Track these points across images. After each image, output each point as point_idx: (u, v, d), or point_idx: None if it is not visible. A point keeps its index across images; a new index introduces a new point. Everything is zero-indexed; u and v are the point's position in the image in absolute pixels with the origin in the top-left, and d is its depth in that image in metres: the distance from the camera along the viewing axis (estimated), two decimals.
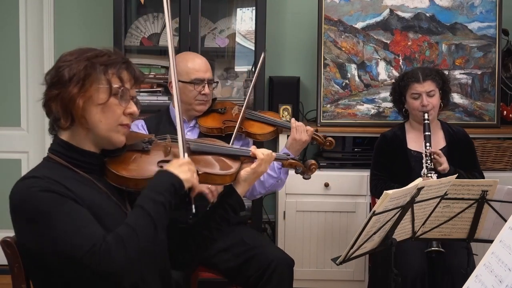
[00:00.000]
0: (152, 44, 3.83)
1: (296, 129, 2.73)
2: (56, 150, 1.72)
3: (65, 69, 1.66)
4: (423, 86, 3.10)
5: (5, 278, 2.24)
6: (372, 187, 3.27)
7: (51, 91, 1.67)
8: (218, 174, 1.87)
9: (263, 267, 2.64)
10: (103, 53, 1.71)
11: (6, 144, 4.10)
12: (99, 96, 1.67)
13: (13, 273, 1.83)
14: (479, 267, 1.59)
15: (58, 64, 1.70)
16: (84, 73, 1.65)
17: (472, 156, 3.23)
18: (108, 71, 1.68)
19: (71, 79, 1.64)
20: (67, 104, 1.65)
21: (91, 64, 1.66)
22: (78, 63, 1.66)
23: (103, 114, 1.68)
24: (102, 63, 1.68)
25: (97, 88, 1.66)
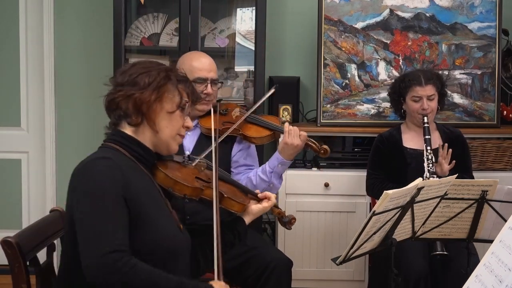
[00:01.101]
0: (152, 44, 3.83)
1: (288, 133, 2.68)
2: (120, 141, 1.84)
3: (142, 75, 1.83)
4: (425, 90, 3.10)
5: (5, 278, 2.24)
6: (368, 186, 3.27)
7: (124, 91, 1.82)
8: (237, 202, 2.12)
9: (261, 268, 2.63)
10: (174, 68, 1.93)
11: (6, 144, 4.10)
12: (169, 105, 1.86)
13: (13, 273, 1.83)
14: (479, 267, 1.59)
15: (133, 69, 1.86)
16: (162, 82, 1.84)
17: (466, 159, 3.22)
18: (179, 85, 1.87)
19: (150, 84, 1.82)
20: (142, 105, 1.81)
21: (168, 75, 1.86)
22: (157, 72, 1.85)
23: (170, 121, 1.86)
24: (177, 77, 1.88)
25: (170, 98, 1.85)
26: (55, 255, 2.15)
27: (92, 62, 4.00)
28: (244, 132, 2.77)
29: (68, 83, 4.04)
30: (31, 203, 4.10)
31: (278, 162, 2.69)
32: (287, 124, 2.73)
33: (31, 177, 4.11)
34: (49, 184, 4.06)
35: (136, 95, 1.81)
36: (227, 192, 2.11)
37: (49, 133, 4.06)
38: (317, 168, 3.72)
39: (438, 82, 3.16)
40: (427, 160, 2.98)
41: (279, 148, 2.72)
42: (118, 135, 1.85)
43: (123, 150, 1.82)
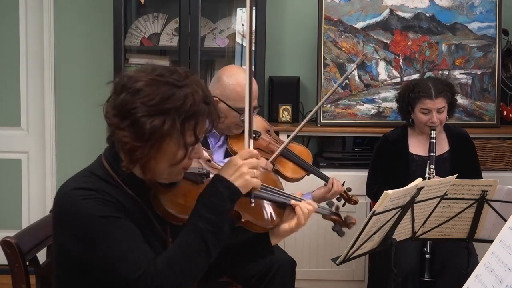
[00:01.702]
0: (152, 44, 3.83)
1: (331, 192, 2.66)
2: (112, 164, 1.61)
3: (144, 118, 1.51)
4: (435, 103, 3.00)
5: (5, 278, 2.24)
6: (369, 191, 3.24)
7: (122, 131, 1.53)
8: (259, 226, 1.75)
9: (265, 268, 2.63)
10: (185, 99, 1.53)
11: (6, 144, 4.10)
12: (172, 155, 1.55)
13: (13, 273, 1.83)
14: (479, 267, 1.59)
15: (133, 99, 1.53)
16: (165, 134, 1.51)
17: (474, 159, 3.21)
18: (185, 127, 1.53)
19: (150, 137, 1.51)
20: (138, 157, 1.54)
21: (172, 120, 1.51)
22: (160, 117, 1.51)
23: (170, 167, 1.57)
24: (183, 118, 1.52)
25: (172, 148, 1.54)
26: None
27: (92, 62, 4.00)
28: (279, 169, 2.61)
29: (68, 83, 4.03)
30: (31, 203, 4.10)
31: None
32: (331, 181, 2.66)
33: (31, 177, 4.11)
34: (49, 184, 4.06)
35: (129, 145, 1.52)
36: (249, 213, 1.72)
37: (49, 133, 4.06)
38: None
39: (449, 93, 3.06)
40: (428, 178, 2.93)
41: (316, 194, 2.67)
42: (112, 158, 1.61)
43: (112, 173, 1.60)
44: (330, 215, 2.11)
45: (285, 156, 2.63)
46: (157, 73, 1.56)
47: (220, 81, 2.58)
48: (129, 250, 1.51)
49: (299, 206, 1.80)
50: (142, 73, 1.58)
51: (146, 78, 1.55)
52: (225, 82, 2.56)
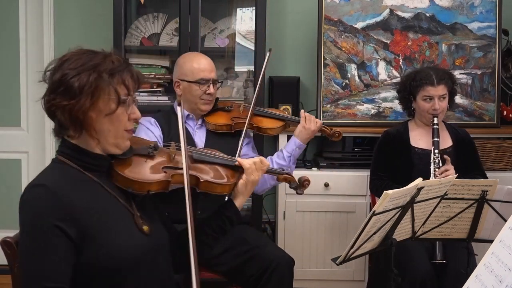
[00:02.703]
0: (152, 44, 3.83)
1: (305, 118, 2.86)
2: (65, 152, 1.73)
3: (73, 78, 1.66)
4: (437, 90, 3.03)
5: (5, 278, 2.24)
6: (372, 186, 3.25)
7: (57, 100, 1.67)
8: (218, 183, 1.96)
9: (263, 266, 2.64)
10: (105, 59, 1.70)
11: (6, 144, 4.10)
12: (107, 107, 1.68)
13: (13, 273, 1.83)
14: (479, 267, 1.59)
15: (62, 70, 1.69)
16: (94, 84, 1.66)
17: (476, 158, 3.22)
18: (114, 80, 1.69)
19: (81, 91, 1.65)
20: (77, 116, 1.66)
21: (98, 74, 1.67)
22: (86, 73, 1.66)
23: (111, 123, 1.70)
24: (108, 71, 1.68)
25: (106, 99, 1.68)
26: None
27: None
28: (258, 125, 2.90)
29: None
30: None
31: (296, 145, 2.85)
32: (303, 111, 2.91)
33: (31, 177, 4.06)
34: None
35: (68, 105, 1.65)
36: (205, 174, 1.96)
37: (49, 133, 4.05)
38: (317, 168, 3.72)
39: (450, 81, 3.10)
40: (433, 164, 2.95)
41: (296, 132, 2.88)
42: (64, 145, 1.73)
43: (70, 162, 1.71)
44: (283, 175, 2.29)
45: (258, 114, 2.93)
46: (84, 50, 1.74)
47: (177, 65, 2.92)
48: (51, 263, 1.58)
49: (244, 161, 2.04)
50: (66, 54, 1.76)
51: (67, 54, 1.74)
52: (179, 62, 2.90)
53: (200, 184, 1.93)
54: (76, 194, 1.65)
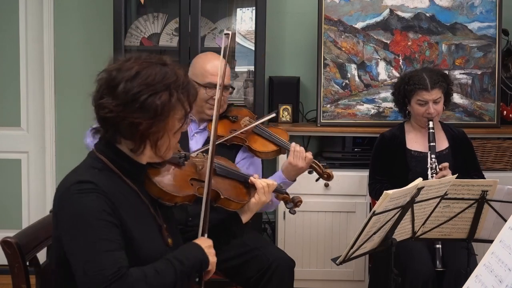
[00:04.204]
0: (152, 44, 3.83)
1: (294, 154, 2.62)
2: (108, 154, 1.72)
3: (151, 97, 1.65)
4: (431, 94, 3.01)
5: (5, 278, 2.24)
6: (371, 190, 3.24)
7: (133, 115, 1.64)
8: (235, 202, 2.05)
9: (263, 267, 2.63)
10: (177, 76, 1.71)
11: (6, 144, 4.10)
12: (176, 125, 1.72)
13: (13, 273, 1.83)
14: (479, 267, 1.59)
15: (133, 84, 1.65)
16: (171, 105, 1.67)
17: (473, 158, 3.22)
18: (184, 97, 1.71)
19: (161, 111, 1.65)
20: (148, 134, 1.67)
21: (176, 93, 1.68)
22: (164, 93, 1.66)
23: (173, 139, 1.74)
24: (180, 90, 1.70)
25: (176, 118, 1.71)
26: None
27: (92, 62, 4.00)
28: (250, 145, 2.70)
29: (68, 83, 4.03)
30: (31, 203, 4.10)
31: (280, 181, 2.63)
32: (293, 144, 2.66)
33: (31, 177, 4.11)
34: (49, 184, 4.06)
35: (143, 125, 1.65)
36: (226, 191, 2.03)
37: (49, 133, 4.06)
38: None
39: (444, 83, 3.07)
40: (430, 170, 2.94)
41: (282, 166, 2.69)
42: (112, 152, 1.72)
43: (111, 165, 1.71)
44: (283, 194, 2.36)
45: (256, 133, 2.74)
46: (143, 58, 1.73)
47: (192, 63, 2.80)
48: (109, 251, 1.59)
49: (257, 181, 2.10)
50: (127, 62, 1.71)
51: (137, 64, 1.69)
52: (193, 62, 2.80)
53: (219, 200, 2.00)
54: (116, 198, 1.67)
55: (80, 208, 1.61)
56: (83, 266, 1.59)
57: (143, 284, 1.60)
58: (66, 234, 1.64)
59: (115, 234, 1.62)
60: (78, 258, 1.60)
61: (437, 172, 2.92)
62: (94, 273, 1.57)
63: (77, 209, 1.62)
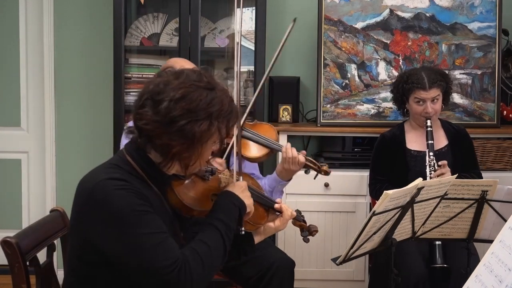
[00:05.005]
0: (152, 44, 3.83)
1: (286, 160, 2.60)
2: (137, 159, 1.71)
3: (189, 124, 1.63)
4: (429, 93, 3.02)
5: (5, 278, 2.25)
6: (371, 190, 3.24)
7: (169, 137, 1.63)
8: (251, 224, 1.97)
9: (264, 268, 2.63)
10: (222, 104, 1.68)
11: (6, 144, 4.10)
12: (209, 151, 1.72)
13: (13, 273, 1.83)
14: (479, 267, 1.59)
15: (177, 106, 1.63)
16: (209, 135, 1.66)
17: (472, 155, 3.22)
18: (223, 125, 1.70)
19: (197, 140, 1.65)
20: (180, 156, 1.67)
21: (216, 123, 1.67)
22: (205, 122, 1.64)
23: (203, 162, 1.75)
24: (222, 119, 1.68)
25: (211, 144, 1.71)
26: (55, 255, 2.16)
27: (92, 62, 4.00)
28: (244, 154, 2.62)
29: (68, 83, 4.04)
30: (31, 203, 4.10)
31: (277, 183, 2.69)
32: (285, 148, 2.61)
33: (31, 177, 4.11)
34: (49, 184, 4.06)
35: (177, 148, 1.64)
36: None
37: (49, 133, 4.06)
38: None
39: (443, 82, 3.08)
40: (429, 167, 2.95)
41: (277, 170, 2.69)
42: (141, 157, 1.71)
43: (138, 169, 1.70)
44: (301, 222, 2.28)
45: (246, 137, 2.64)
46: (193, 79, 1.68)
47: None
48: (161, 242, 1.60)
49: (284, 208, 2.04)
50: (177, 79, 1.67)
51: (185, 85, 1.66)
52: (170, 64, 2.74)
53: None
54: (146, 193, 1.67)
55: (121, 204, 1.59)
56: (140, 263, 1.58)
57: (200, 262, 1.63)
58: (105, 232, 1.61)
59: (160, 223, 1.63)
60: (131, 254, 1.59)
61: (435, 169, 2.92)
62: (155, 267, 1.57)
63: (118, 205, 1.59)
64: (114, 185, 1.61)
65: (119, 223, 1.59)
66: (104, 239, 1.62)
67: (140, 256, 1.58)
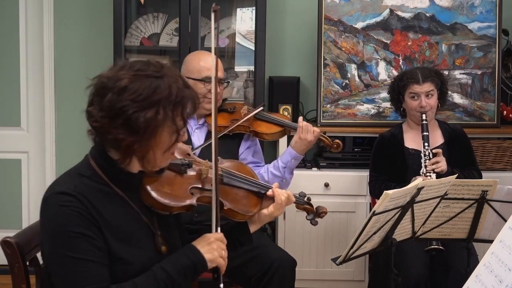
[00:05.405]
0: (152, 44, 3.83)
1: (302, 128, 2.74)
2: (99, 162, 1.68)
3: (136, 114, 1.57)
4: (422, 87, 3.09)
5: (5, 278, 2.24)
6: (372, 189, 3.26)
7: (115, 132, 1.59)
8: (240, 213, 1.92)
9: (265, 267, 2.63)
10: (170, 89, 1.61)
11: (6, 144, 4.10)
12: (165, 142, 1.63)
13: (13, 273, 1.83)
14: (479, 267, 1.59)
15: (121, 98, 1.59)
16: (158, 123, 1.59)
17: (470, 153, 3.24)
18: (176, 113, 1.62)
19: (145, 130, 1.58)
20: (133, 150, 1.61)
21: (163, 110, 1.59)
22: (151, 110, 1.58)
23: (163, 154, 1.66)
24: (172, 106, 1.61)
25: (165, 135, 1.62)
26: None
27: (92, 62, 4.00)
28: (255, 129, 2.82)
29: (68, 83, 4.03)
30: (31, 203, 4.10)
31: (291, 157, 2.77)
32: (301, 119, 2.79)
33: (31, 177, 4.11)
34: (49, 184, 4.06)
35: (126, 141, 1.59)
36: (232, 201, 1.91)
37: (49, 133, 4.06)
38: (317, 168, 3.72)
39: (437, 79, 3.14)
40: (424, 156, 2.98)
41: (292, 143, 2.78)
42: (102, 158, 1.67)
43: (100, 172, 1.66)
44: (304, 205, 2.23)
45: (258, 118, 2.85)
46: (137, 68, 1.64)
47: (184, 62, 2.90)
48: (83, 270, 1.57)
49: (277, 193, 1.96)
50: (121, 71, 1.64)
51: (128, 75, 1.61)
52: (187, 60, 2.88)
53: (222, 211, 1.87)
54: (101, 208, 1.62)
55: (59, 221, 1.58)
56: (62, 282, 1.58)
57: None
58: (45, 244, 1.63)
59: (90, 250, 1.58)
60: (56, 271, 1.60)
61: (430, 158, 2.96)
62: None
63: (56, 222, 1.59)
64: (60, 200, 1.59)
65: (52, 240, 1.59)
66: (44, 250, 1.64)
67: (62, 278, 1.58)
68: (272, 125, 2.85)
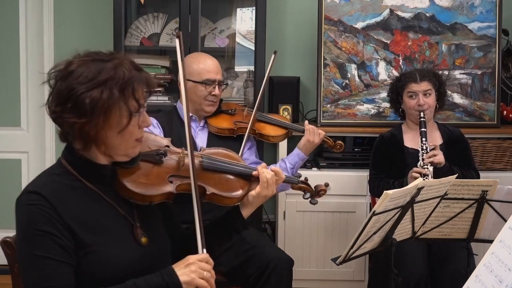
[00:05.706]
0: (152, 44, 3.83)
1: (309, 131, 2.88)
2: (69, 159, 1.69)
3: (83, 95, 1.58)
4: (420, 86, 3.13)
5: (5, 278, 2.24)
6: (371, 187, 3.27)
7: (66, 116, 1.60)
8: (225, 196, 1.89)
9: (262, 266, 2.64)
10: (116, 70, 1.63)
11: (6, 144, 4.10)
12: (119, 124, 1.63)
13: (13, 273, 1.83)
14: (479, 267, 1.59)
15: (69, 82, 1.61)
16: (106, 103, 1.59)
17: (468, 155, 3.24)
18: (125, 94, 1.62)
19: (93, 110, 1.58)
20: (87, 133, 1.61)
21: (109, 90, 1.60)
22: (97, 90, 1.59)
23: (122, 138, 1.65)
24: (119, 86, 1.61)
25: (117, 116, 1.62)
26: None
27: None
28: (260, 131, 2.91)
29: None
30: None
31: (299, 158, 2.90)
32: (307, 122, 2.93)
33: (31, 177, 4.09)
34: None
35: (78, 123, 1.59)
36: (215, 185, 1.88)
37: (49, 133, 4.06)
38: (317, 168, 3.72)
39: (435, 79, 3.18)
40: (421, 150, 2.99)
41: (299, 145, 2.90)
42: (69, 151, 1.69)
43: (72, 170, 1.67)
44: (298, 184, 2.19)
45: (261, 120, 2.95)
46: (83, 55, 1.68)
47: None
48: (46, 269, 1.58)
49: (261, 172, 1.94)
50: (70, 60, 1.69)
51: (75, 62, 1.65)
52: (186, 62, 2.84)
53: (206, 196, 1.86)
54: (72, 204, 1.63)
55: (25, 220, 1.62)
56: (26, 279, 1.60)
57: None
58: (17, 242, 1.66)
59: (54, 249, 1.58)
60: (22, 269, 1.62)
61: (427, 151, 2.97)
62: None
63: (23, 221, 1.63)
64: (28, 199, 1.63)
65: (20, 238, 1.63)
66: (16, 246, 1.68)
67: (27, 275, 1.60)
68: (276, 127, 2.95)
